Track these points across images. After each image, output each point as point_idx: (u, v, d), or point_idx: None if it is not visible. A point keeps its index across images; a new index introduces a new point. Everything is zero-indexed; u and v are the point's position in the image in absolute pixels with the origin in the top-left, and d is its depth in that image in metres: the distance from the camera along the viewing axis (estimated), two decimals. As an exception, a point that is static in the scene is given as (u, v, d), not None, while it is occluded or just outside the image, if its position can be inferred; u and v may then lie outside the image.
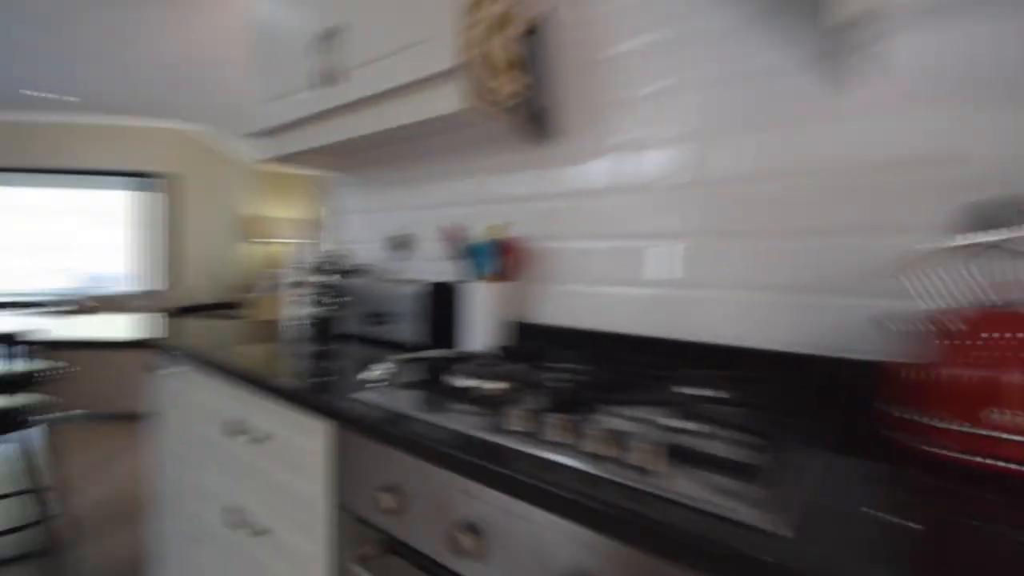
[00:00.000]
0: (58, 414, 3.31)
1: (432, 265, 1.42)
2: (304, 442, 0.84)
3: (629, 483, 0.47)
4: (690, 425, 0.60)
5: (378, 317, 1.26)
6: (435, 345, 1.18)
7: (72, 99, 4.16)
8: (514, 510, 0.53)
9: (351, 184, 1.69)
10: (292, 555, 0.88)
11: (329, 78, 1.18)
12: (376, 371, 0.84)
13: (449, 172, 1.36)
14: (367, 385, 0.83)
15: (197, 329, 1.56)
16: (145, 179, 4.81)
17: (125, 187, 5.05)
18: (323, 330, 1.48)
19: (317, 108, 1.22)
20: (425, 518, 0.63)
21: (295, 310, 1.52)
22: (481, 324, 1.10)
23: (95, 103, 4.30)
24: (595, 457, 0.52)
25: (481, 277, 1.11)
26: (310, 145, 1.31)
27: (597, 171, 1.07)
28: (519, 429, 0.59)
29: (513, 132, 1.09)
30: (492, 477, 0.53)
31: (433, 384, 0.78)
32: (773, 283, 0.87)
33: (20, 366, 1.78)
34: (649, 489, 0.46)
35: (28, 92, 4.00)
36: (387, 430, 0.64)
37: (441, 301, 1.20)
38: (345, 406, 0.72)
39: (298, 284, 1.51)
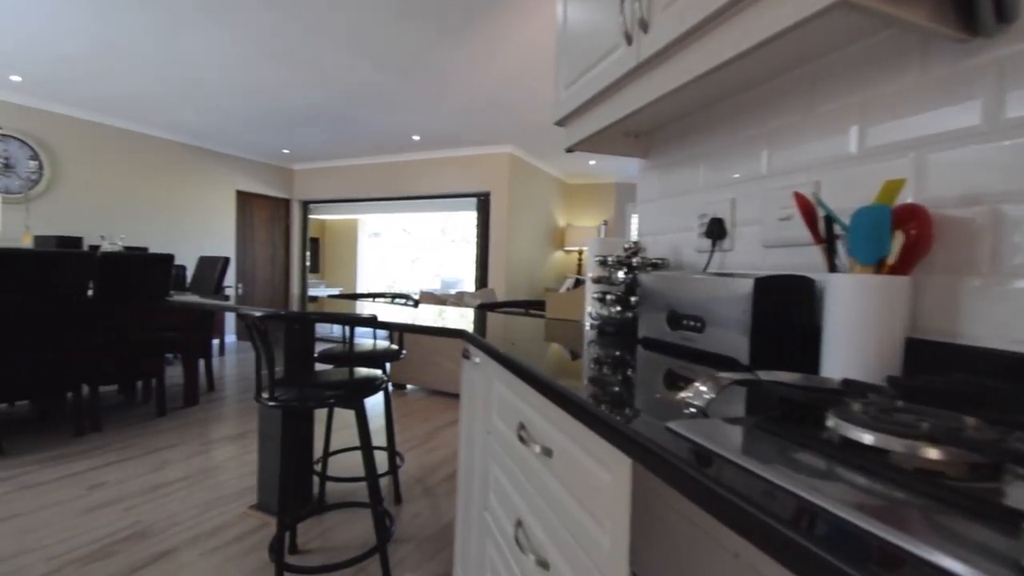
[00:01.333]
0: (405, 386, 4.20)
1: (762, 254, 1.07)
2: (596, 470, 0.65)
3: None
4: None
5: (689, 321, 0.99)
6: (770, 363, 0.84)
7: (416, 138, 5.29)
8: None
9: (652, 168, 1.48)
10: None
11: (635, 31, 0.99)
12: (695, 394, 0.58)
13: (794, 124, 0.99)
14: (683, 412, 0.58)
15: (498, 323, 1.60)
16: (475, 198, 5.75)
17: (463, 207, 6.20)
18: (621, 332, 1.30)
19: (624, 69, 1.05)
20: None
21: (592, 309, 1.40)
22: (853, 338, 0.71)
23: (432, 140, 5.36)
24: None
25: (855, 267, 0.72)
26: (618, 116, 1.14)
27: None
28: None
29: (923, 28, 0.67)
30: None
31: (797, 427, 0.47)
32: None
33: (380, 344, 2.23)
34: None
35: (416, 138, 5.27)
36: (739, 505, 0.37)
37: (779, 302, 0.86)
38: (649, 438, 0.49)
39: (596, 282, 1.38)
